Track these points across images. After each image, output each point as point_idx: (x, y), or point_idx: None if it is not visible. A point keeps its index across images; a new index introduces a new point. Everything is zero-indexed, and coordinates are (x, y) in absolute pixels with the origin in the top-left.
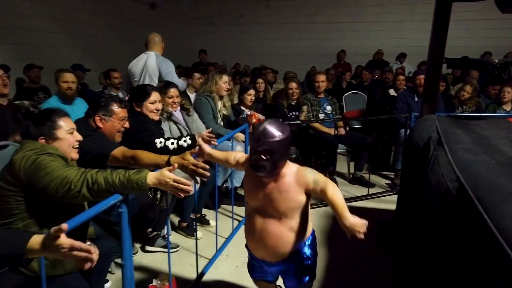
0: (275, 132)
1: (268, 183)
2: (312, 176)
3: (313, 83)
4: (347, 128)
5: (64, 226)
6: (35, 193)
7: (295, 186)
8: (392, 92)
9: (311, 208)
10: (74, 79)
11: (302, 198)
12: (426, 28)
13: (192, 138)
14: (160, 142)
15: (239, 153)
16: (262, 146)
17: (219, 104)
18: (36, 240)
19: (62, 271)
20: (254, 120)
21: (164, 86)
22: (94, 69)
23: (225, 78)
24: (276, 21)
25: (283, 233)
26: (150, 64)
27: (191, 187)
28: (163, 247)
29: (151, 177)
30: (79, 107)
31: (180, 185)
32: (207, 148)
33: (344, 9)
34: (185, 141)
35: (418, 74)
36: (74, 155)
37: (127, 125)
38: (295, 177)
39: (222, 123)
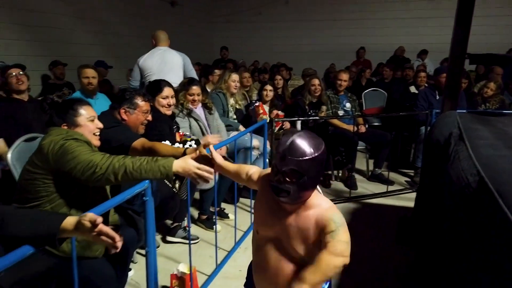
0: (306, 148)
1: (289, 211)
2: (335, 225)
3: (334, 80)
4: (366, 125)
5: (99, 219)
6: (62, 175)
7: (313, 224)
8: (413, 89)
9: None
10: (95, 74)
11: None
12: (449, 24)
13: (197, 142)
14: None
15: (253, 168)
16: (288, 165)
17: (231, 100)
18: (69, 221)
19: (90, 253)
20: (261, 111)
21: (187, 83)
22: (116, 66)
23: (234, 77)
24: (295, 18)
25: None
26: (174, 59)
27: (212, 175)
28: (183, 238)
29: (176, 165)
30: (102, 102)
31: (203, 172)
32: (218, 158)
33: (364, 5)
34: (190, 145)
35: (440, 71)
36: (96, 141)
37: (150, 118)
38: (319, 213)
39: (234, 116)
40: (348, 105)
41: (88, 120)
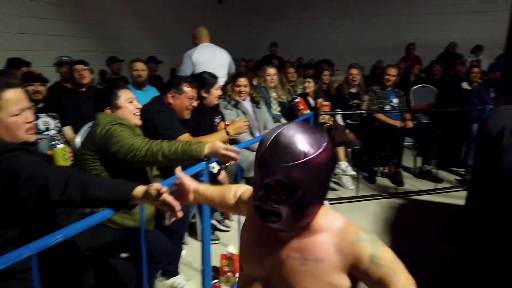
0: (296, 147)
1: (285, 240)
2: (370, 247)
3: (382, 75)
4: (415, 122)
5: (164, 189)
6: (108, 157)
7: (332, 255)
8: (465, 85)
9: (371, 200)
10: (144, 67)
11: (344, 282)
12: (508, 18)
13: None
14: None
15: (243, 187)
16: (272, 175)
17: (273, 94)
18: (139, 189)
19: (145, 226)
20: (301, 107)
21: (235, 75)
22: (166, 61)
23: (269, 71)
24: (342, 14)
25: None
26: (223, 56)
27: (238, 155)
28: (217, 221)
29: (206, 148)
30: (152, 93)
31: (230, 152)
32: (192, 184)
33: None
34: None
35: (495, 67)
36: (137, 121)
37: (195, 103)
38: (336, 238)
39: (279, 109)
40: (395, 100)
41: (128, 102)
